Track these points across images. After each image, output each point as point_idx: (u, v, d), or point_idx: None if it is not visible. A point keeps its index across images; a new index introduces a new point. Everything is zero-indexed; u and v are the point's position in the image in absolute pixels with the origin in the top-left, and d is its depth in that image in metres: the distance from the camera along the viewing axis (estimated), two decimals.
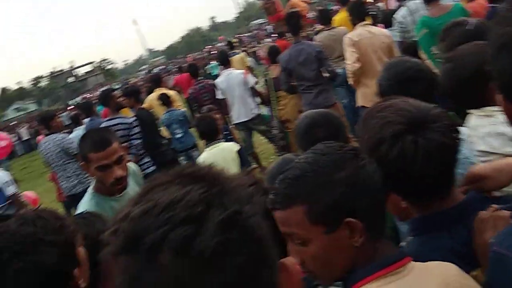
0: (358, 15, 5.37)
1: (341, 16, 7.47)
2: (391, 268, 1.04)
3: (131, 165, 2.82)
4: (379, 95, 2.07)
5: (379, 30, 5.59)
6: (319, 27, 8.81)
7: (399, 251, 1.15)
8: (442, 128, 1.16)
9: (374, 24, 6.08)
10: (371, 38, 5.16)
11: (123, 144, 2.59)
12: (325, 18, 7.23)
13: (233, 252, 0.61)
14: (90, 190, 2.55)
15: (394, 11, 7.10)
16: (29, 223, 1.28)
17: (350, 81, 5.28)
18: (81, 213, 1.98)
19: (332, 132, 2.07)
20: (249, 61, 12.18)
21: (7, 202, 5.74)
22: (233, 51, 11.98)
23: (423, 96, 1.38)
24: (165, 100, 7.20)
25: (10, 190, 6.07)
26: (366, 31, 5.24)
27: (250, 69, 10.76)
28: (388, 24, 6.90)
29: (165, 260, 0.59)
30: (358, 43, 5.10)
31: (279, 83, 6.12)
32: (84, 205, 2.46)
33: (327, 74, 5.60)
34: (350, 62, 5.11)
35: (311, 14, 13.41)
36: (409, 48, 4.71)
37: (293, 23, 5.80)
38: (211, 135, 4.24)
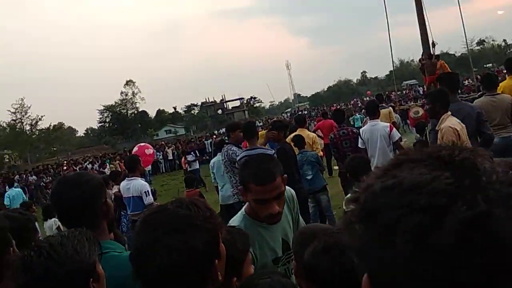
0: None
1: (508, 83, 7.00)
2: None
3: (288, 190, 2.63)
4: None
5: None
6: None
7: None
8: None
9: None
10: None
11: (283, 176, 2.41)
12: (490, 82, 6.81)
13: (474, 253, 0.55)
14: (242, 210, 2.53)
15: None
16: (184, 206, 1.37)
17: None
18: (233, 226, 2.03)
19: None
20: (395, 117, 11.82)
21: (145, 210, 6.17)
22: (382, 104, 11.74)
23: None
24: (299, 142, 7.27)
25: (149, 199, 6.54)
26: None
27: (395, 125, 10.49)
28: None
29: (399, 242, 0.57)
30: None
31: None
32: (232, 224, 2.42)
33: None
34: None
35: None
36: None
37: (450, 82, 5.54)
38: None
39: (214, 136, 29.44)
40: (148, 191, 6.55)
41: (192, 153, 19.83)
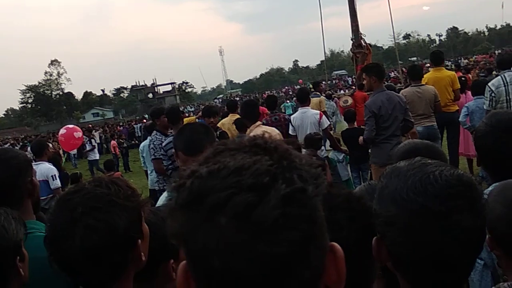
0: None
1: (432, 75, 7.34)
2: None
3: None
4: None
5: None
6: None
7: None
8: None
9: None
10: None
11: None
12: (416, 73, 7.08)
13: (291, 227, 0.61)
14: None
15: (486, 80, 6.88)
16: (103, 185, 1.31)
17: None
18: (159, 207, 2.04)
19: None
20: (331, 105, 12.03)
21: (51, 195, 5.91)
22: (316, 92, 11.92)
23: None
24: (241, 125, 7.24)
25: (56, 183, 6.24)
26: None
27: (326, 114, 10.68)
28: (479, 92, 6.70)
29: (224, 221, 0.60)
30: None
31: None
32: (160, 204, 2.46)
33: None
34: None
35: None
36: None
37: (378, 72, 5.70)
38: None
39: (144, 121, 28.77)
40: (55, 175, 6.24)
41: (88, 142, 16.95)
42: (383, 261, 1.07)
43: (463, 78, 9.10)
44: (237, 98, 45.44)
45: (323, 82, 18.32)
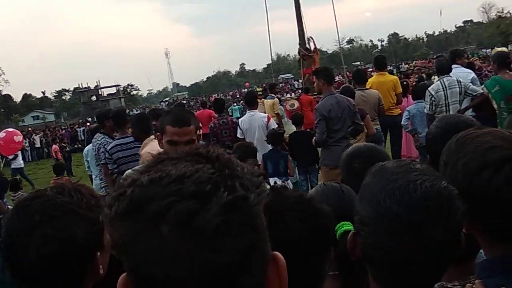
0: None
1: (376, 79, 7.54)
2: None
3: None
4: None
5: None
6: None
7: None
8: None
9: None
10: None
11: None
12: (361, 78, 7.26)
13: (233, 234, 0.61)
14: None
15: (427, 85, 7.15)
16: (66, 193, 1.26)
17: None
18: None
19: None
20: (279, 109, 12.14)
21: None
22: (271, 94, 11.99)
23: None
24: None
25: None
26: None
27: (278, 117, 10.75)
28: (419, 96, 6.94)
29: (165, 230, 0.59)
30: None
31: None
32: None
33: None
34: None
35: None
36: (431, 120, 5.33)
37: (326, 76, 5.79)
38: None
39: (88, 124, 27.98)
40: None
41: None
42: (356, 257, 1.09)
43: (404, 83, 9.42)
44: (184, 101, 45.05)
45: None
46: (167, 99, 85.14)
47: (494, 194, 1.06)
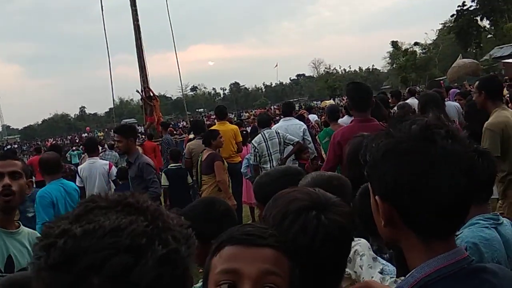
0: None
1: (218, 128, 7.86)
2: None
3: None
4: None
5: None
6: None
7: None
8: (342, 213, 1.23)
9: None
10: None
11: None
12: (199, 127, 7.52)
13: (165, 286, 0.62)
14: None
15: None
16: None
17: None
18: None
19: None
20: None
21: None
22: None
23: None
24: None
25: None
26: None
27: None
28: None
29: (96, 282, 0.59)
30: None
31: (206, 167, 6.18)
32: None
33: None
34: None
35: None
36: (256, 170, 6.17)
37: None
38: None
39: None
40: None
41: None
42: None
43: (244, 132, 9.91)
44: (16, 146, 41.41)
45: (112, 130, 17.97)
46: None
47: (291, 242, 1.15)
